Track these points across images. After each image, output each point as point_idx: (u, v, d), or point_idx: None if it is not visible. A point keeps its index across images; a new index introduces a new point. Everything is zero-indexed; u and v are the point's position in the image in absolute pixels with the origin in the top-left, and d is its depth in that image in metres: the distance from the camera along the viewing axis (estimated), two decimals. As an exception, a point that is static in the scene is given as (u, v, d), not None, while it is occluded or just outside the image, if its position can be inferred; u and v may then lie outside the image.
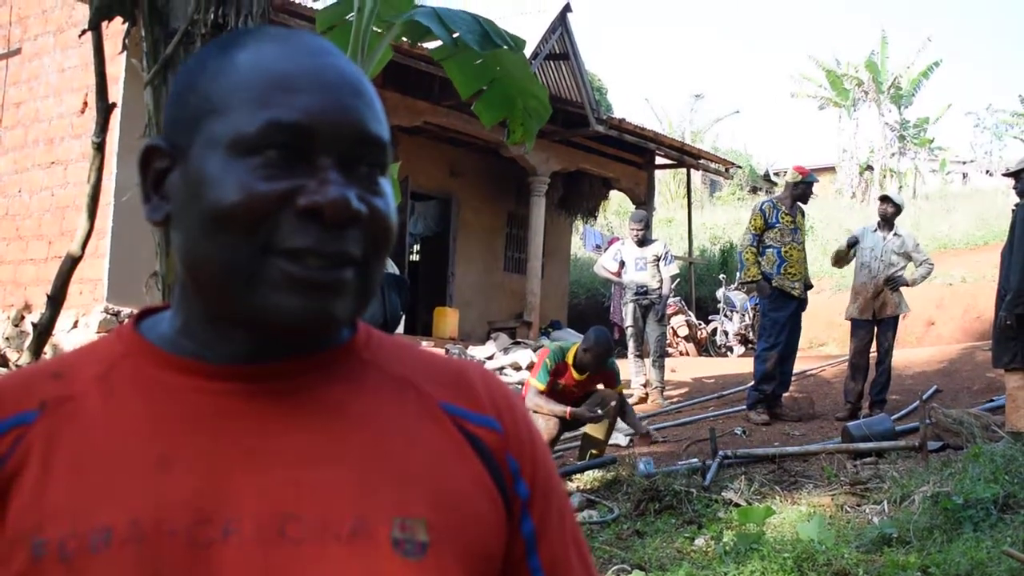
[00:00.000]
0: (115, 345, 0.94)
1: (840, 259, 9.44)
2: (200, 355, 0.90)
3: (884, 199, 9.17)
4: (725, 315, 16.89)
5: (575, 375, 7.09)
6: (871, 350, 9.11)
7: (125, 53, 4.55)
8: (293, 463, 0.86)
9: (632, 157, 17.59)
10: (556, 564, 0.97)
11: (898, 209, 9.11)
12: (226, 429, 0.87)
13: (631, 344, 10.54)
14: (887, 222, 9.03)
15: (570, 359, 7.08)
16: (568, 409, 6.98)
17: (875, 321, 8.99)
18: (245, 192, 0.84)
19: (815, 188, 9.54)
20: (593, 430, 7.22)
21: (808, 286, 9.16)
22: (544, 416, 6.86)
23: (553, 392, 7.09)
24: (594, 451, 7.20)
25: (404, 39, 5.13)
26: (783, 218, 8.94)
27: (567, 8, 14.51)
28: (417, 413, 0.93)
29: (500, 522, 0.92)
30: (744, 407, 9.19)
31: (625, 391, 8.01)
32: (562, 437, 7.43)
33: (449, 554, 0.86)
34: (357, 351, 0.96)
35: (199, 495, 0.83)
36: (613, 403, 7.18)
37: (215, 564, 0.80)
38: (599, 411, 7.08)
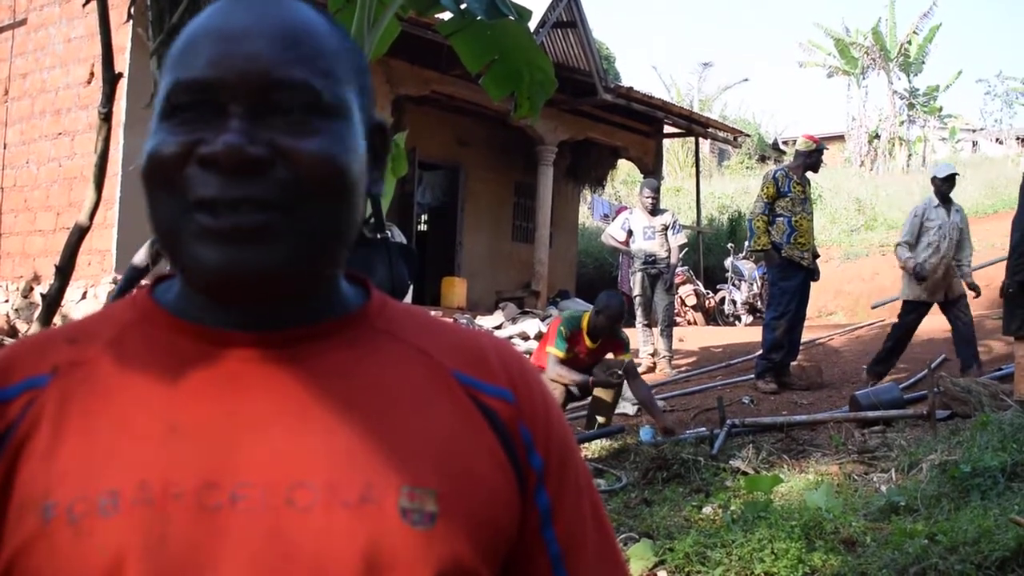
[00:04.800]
0: (129, 311, 0.95)
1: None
2: (206, 320, 0.91)
3: (948, 179, 8.73)
4: (733, 284, 16.89)
5: (588, 343, 7.13)
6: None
7: (131, 22, 4.54)
8: (302, 430, 0.86)
9: (640, 126, 17.53)
10: (571, 536, 0.96)
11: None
12: (236, 395, 0.87)
13: (639, 313, 10.55)
14: (946, 197, 8.75)
15: (584, 325, 7.11)
16: (590, 378, 7.02)
17: (944, 303, 8.70)
18: (155, 150, 0.86)
19: (823, 156, 9.45)
20: (602, 395, 7.24)
21: (815, 256, 9.12)
22: (551, 387, 6.86)
23: (566, 361, 7.13)
24: (601, 419, 7.21)
25: (411, 10, 5.10)
26: (794, 187, 8.87)
27: (575, -25, 14.42)
28: (429, 382, 0.93)
29: (512, 495, 0.92)
30: (752, 376, 9.19)
31: (630, 358, 8.02)
32: (567, 408, 7.45)
33: (458, 525, 0.86)
34: (370, 319, 0.96)
35: (208, 460, 0.83)
36: (620, 371, 7.20)
37: (222, 529, 0.81)
38: (614, 377, 7.10)
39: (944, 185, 8.75)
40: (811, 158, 9.01)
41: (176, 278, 0.97)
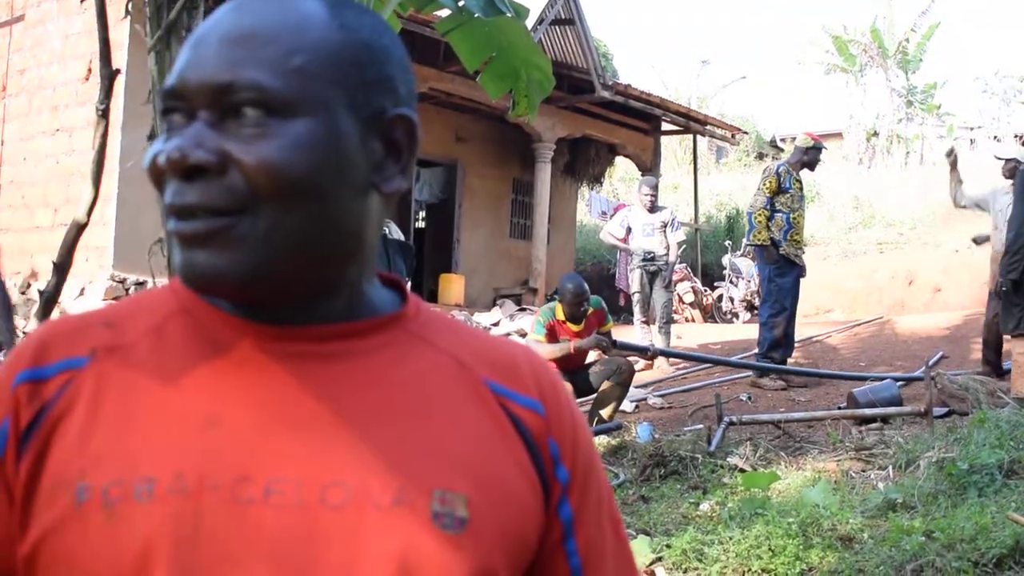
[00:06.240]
0: (169, 299, 0.95)
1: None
2: (241, 314, 0.91)
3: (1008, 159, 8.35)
4: (731, 281, 16.90)
5: (571, 327, 7.23)
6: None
7: (129, 18, 4.53)
8: (337, 429, 0.86)
9: (638, 123, 17.53)
10: (591, 547, 0.97)
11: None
12: (272, 391, 0.87)
13: (637, 310, 10.57)
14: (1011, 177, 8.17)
15: (559, 314, 7.22)
16: (572, 343, 7.10)
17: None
18: (149, 156, 0.87)
19: (821, 154, 9.41)
20: (608, 388, 7.26)
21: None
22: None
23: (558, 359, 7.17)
24: (605, 413, 7.24)
25: (411, 7, 5.10)
26: (794, 184, 8.86)
27: (573, -28, 14.42)
28: (462, 389, 0.93)
29: (538, 505, 0.93)
30: (749, 374, 9.17)
31: (631, 358, 8.06)
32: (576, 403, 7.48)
33: (487, 532, 0.87)
34: (406, 323, 0.96)
35: (244, 454, 0.84)
36: (606, 338, 7.31)
37: (255, 523, 0.81)
38: (598, 342, 7.23)
39: (1005, 167, 8.40)
40: (808, 155, 8.99)
41: None
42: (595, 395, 7.34)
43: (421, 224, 17.86)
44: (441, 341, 0.97)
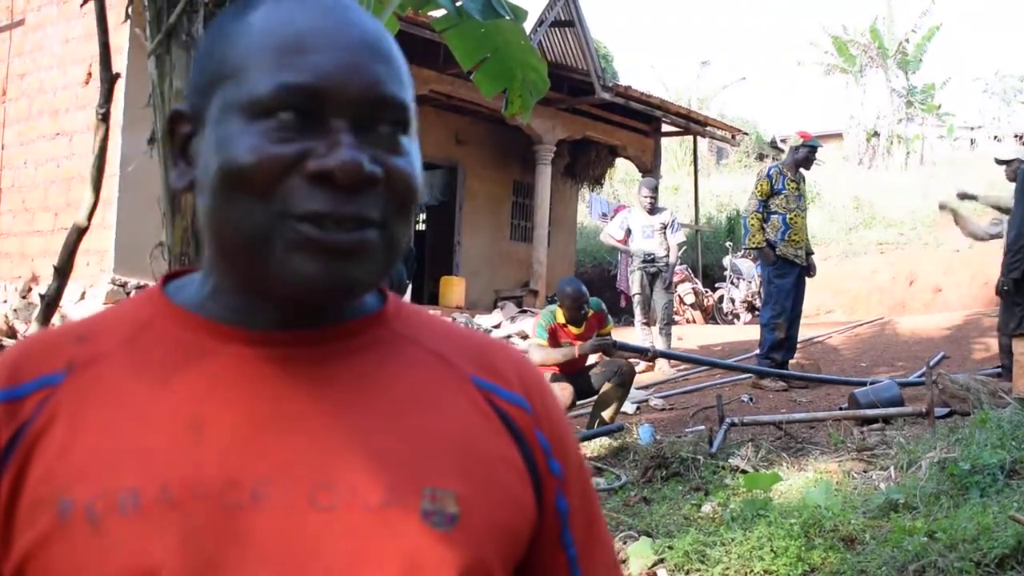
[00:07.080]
0: (143, 308, 0.93)
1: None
2: (229, 320, 0.90)
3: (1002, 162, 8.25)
4: (732, 282, 16.89)
5: (572, 330, 7.22)
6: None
7: (129, 22, 4.53)
8: (325, 431, 0.86)
9: (638, 125, 17.53)
10: (585, 537, 0.99)
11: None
12: (257, 395, 0.87)
13: (638, 312, 10.56)
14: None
15: (560, 317, 7.22)
16: (575, 348, 7.09)
17: None
18: (257, 155, 0.83)
19: (821, 155, 9.39)
20: (609, 389, 7.25)
21: (809, 252, 9.10)
22: (558, 386, 6.87)
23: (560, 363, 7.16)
24: (607, 414, 7.23)
25: (409, 8, 5.10)
26: (788, 184, 8.86)
27: (572, -26, 14.42)
28: (448, 386, 0.94)
29: (529, 499, 0.93)
30: (750, 375, 9.16)
31: (632, 359, 8.05)
32: (576, 405, 7.46)
33: (478, 527, 0.87)
34: (388, 322, 0.96)
35: (229, 459, 0.83)
36: (609, 339, 7.31)
37: (245, 528, 0.81)
38: (596, 342, 7.20)
39: (1008, 171, 8.27)
40: (799, 154, 8.99)
41: (189, 276, 0.97)
42: (596, 397, 7.33)
43: (422, 227, 17.87)
44: (424, 339, 0.97)
